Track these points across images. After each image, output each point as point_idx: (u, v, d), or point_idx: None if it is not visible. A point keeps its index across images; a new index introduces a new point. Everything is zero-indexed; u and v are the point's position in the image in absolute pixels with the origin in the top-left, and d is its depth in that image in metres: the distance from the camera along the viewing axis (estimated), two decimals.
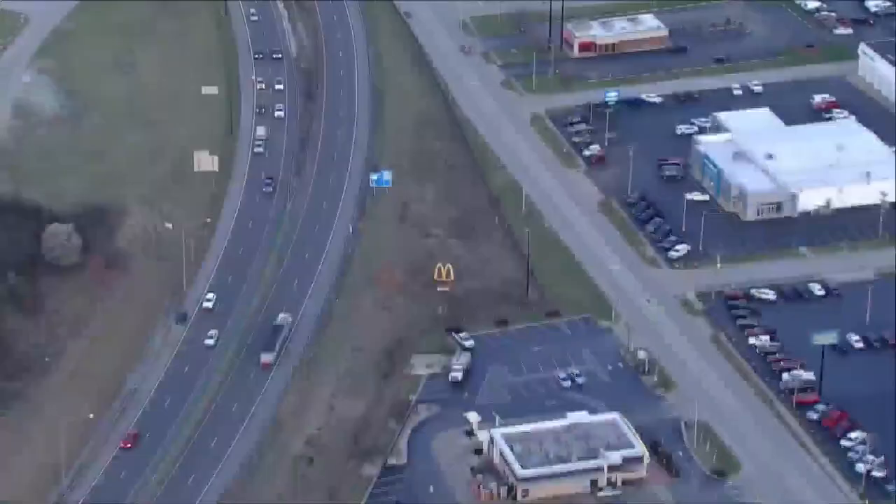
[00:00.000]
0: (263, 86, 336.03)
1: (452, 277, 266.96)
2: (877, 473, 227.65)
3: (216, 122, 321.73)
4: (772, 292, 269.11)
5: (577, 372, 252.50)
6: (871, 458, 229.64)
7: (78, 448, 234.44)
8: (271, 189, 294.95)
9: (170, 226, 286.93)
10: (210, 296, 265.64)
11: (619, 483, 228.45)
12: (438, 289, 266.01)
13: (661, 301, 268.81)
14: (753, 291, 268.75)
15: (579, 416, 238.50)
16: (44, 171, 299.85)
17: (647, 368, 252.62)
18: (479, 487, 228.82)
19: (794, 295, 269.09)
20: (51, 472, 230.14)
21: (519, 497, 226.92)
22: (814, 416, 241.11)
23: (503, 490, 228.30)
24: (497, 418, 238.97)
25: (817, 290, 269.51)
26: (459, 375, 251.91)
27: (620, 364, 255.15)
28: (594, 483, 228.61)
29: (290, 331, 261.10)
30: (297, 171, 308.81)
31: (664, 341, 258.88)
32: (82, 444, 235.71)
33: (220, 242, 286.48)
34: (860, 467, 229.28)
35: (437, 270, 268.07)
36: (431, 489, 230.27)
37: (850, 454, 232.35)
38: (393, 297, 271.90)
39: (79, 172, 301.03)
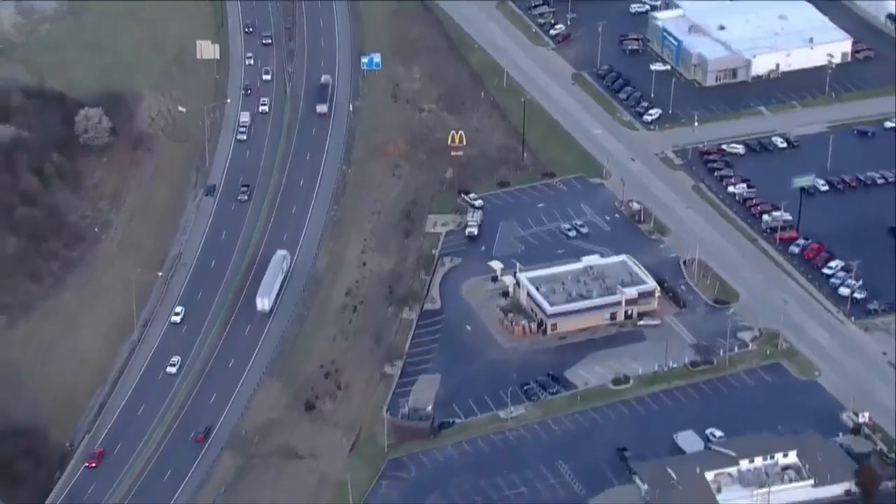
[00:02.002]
0: None
1: (465, 143, 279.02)
2: (858, 295, 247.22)
3: (207, 17, 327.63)
4: (740, 146, 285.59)
5: (580, 223, 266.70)
6: (852, 282, 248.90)
7: (140, 306, 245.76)
8: (246, 198, 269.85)
9: (183, 109, 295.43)
10: (179, 309, 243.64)
11: (635, 315, 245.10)
12: (452, 153, 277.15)
13: (644, 159, 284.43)
14: (724, 146, 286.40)
15: (592, 259, 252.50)
16: (55, 64, 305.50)
17: (641, 217, 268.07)
18: (511, 324, 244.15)
19: (760, 148, 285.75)
20: (118, 326, 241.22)
21: (549, 331, 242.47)
22: (795, 250, 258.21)
23: (533, 326, 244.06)
24: (518, 265, 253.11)
25: (780, 142, 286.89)
26: (475, 231, 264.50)
27: (617, 215, 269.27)
28: (613, 316, 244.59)
29: (335, 88, 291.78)
30: (290, 57, 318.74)
31: (652, 193, 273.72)
32: (143, 302, 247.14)
33: (231, 124, 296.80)
34: (843, 291, 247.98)
35: (450, 137, 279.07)
36: (469, 328, 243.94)
37: (833, 280, 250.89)
38: (400, 166, 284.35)
39: (88, 64, 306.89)
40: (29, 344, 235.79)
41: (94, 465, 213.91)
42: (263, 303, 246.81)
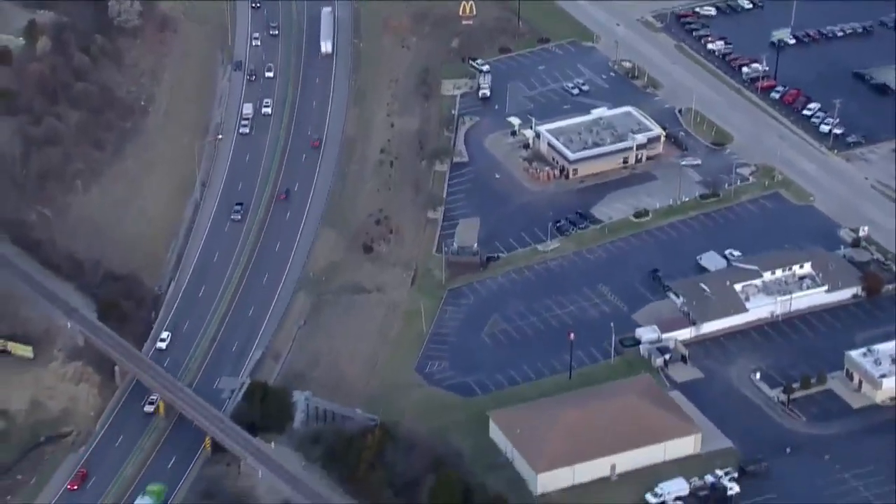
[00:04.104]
0: None
1: (475, 13, 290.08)
2: (837, 131, 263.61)
3: None
4: (711, 9, 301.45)
5: (581, 81, 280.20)
6: (830, 119, 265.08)
7: (197, 167, 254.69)
8: (239, 217, 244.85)
9: None
10: (165, 335, 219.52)
11: (643, 159, 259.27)
12: (463, 22, 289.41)
13: (627, 24, 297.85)
14: (697, 9, 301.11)
15: (601, 111, 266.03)
16: None
17: (635, 74, 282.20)
18: (536, 171, 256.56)
19: (728, 10, 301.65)
20: (180, 187, 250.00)
21: (570, 176, 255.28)
22: (776, 96, 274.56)
23: (556, 172, 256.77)
24: (533, 120, 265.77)
25: (746, 4, 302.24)
26: (488, 92, 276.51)
27: (612, 73, 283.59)
28: (625, 160, 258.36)
29: None
30: None
31: (640, 53, 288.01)
32: (199, 164, 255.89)
33: (245, 7, 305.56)
34: (823, 128, 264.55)
35: (461, 7, 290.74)
36: (497, 176, 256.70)
37: (813, 120, 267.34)
38: (407, 38, 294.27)
39: None
40: (104, 204, 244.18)
41: (75, 487, 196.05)
42: (326, 45, 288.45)
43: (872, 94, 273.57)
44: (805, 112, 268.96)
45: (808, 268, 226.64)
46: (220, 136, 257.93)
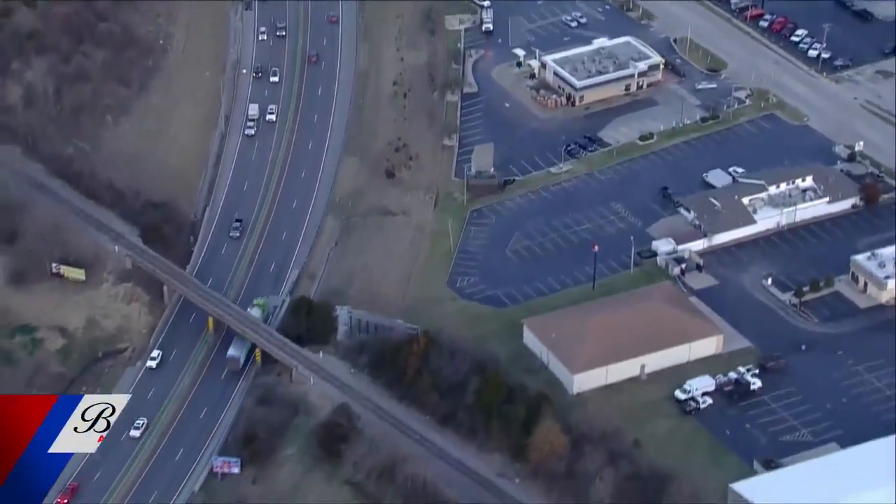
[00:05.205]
0: None
1: None
2: (825, 55, 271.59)
3: None
4: None
5: (579, 14, 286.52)
6: (818, 44, 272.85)
7: (219, 102, 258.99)
8: (238, 234, 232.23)
9: None
10: (155, 353, 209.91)
11: (644, 86, 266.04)
12: None
13: None
14: None
15: (602, 42, 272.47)
16: None
17: (630, 6, 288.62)
18: (544, 99, 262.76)
19: None
20: (205, 121, 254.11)
21: (576, 103, 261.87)
22: (764, 24, 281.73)
23: (562, 99, 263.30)
24: (537, 52, 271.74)
25: None
26: (491, 26, 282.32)
27: (608, 6, 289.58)
28: (627, 87, 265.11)
29: None
30: None
31: None
32: (220, 99, 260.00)
33: None
34: (812, 53, 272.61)
35: None
36: (507, 105, 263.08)
37: (801, 45, 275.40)
38: None
39: None
40: (135, 137, 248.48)
41: (65, 501, 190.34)
42: None
43: (854, 20, 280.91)
44: (793, 38, 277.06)
45: (809, 181, 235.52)
46: (244, 70, 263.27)
